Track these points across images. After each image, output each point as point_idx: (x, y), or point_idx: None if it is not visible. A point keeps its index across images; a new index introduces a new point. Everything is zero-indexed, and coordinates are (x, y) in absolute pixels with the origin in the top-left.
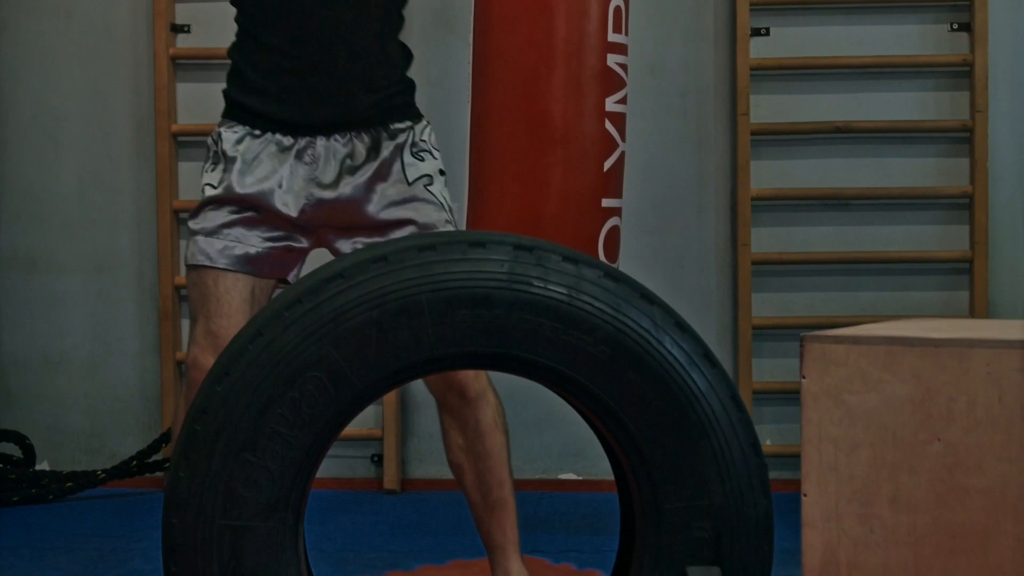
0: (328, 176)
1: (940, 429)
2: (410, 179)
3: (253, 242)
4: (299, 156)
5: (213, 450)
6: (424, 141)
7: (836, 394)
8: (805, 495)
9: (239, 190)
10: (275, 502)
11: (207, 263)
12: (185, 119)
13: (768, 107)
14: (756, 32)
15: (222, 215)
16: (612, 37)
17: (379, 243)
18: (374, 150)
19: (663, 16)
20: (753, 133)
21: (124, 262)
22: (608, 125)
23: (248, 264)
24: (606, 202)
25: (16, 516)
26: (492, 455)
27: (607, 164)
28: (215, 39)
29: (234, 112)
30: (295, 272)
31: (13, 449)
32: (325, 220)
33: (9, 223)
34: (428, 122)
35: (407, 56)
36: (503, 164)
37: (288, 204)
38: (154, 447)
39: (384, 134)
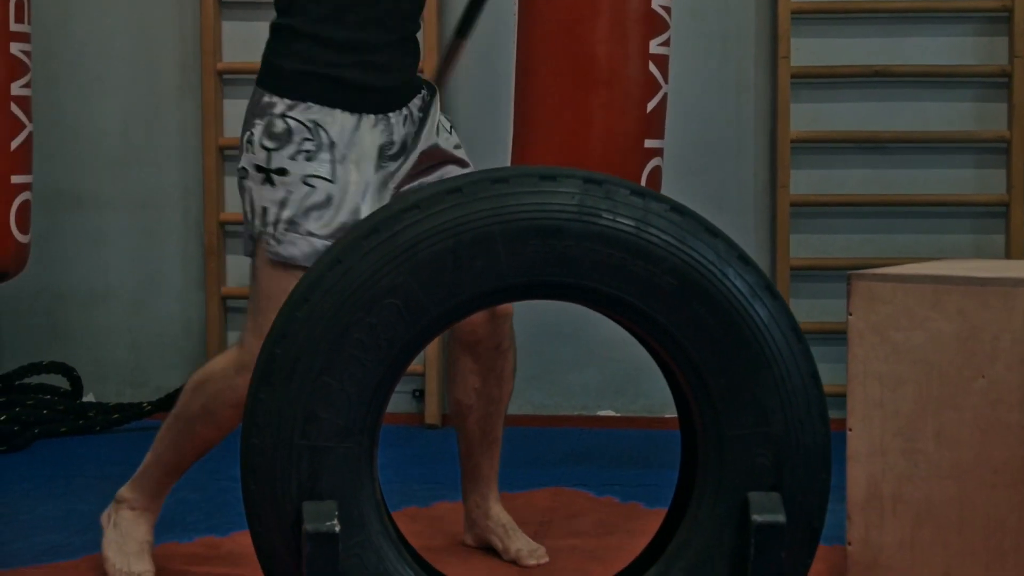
0: (398, 162)
1: (984, 366)
2: (448, 128)
3: None
4: (383, 133)
5: (292, 373)
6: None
7: (882, 331)
8: (850, 430)
9: (350, 202)
10: (352, 424)
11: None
12: (231, 57)
13: (808, 50)
14: None
15: (337, 219)
16: None
17: (453, 176)
18: (424, 112)
19: None
20: (793, 76)
21: (169, 199)
22: (652, 67)
23: None
24: (649, 143)
25: (64, 447)
26: (503, 400)
27: (650, 105)
28: None
29: (325, 91)
30: None
31: (60, 381)
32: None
33: (55, 160)
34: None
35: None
36: (548, 104)
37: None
38: None
39: (427, 95)
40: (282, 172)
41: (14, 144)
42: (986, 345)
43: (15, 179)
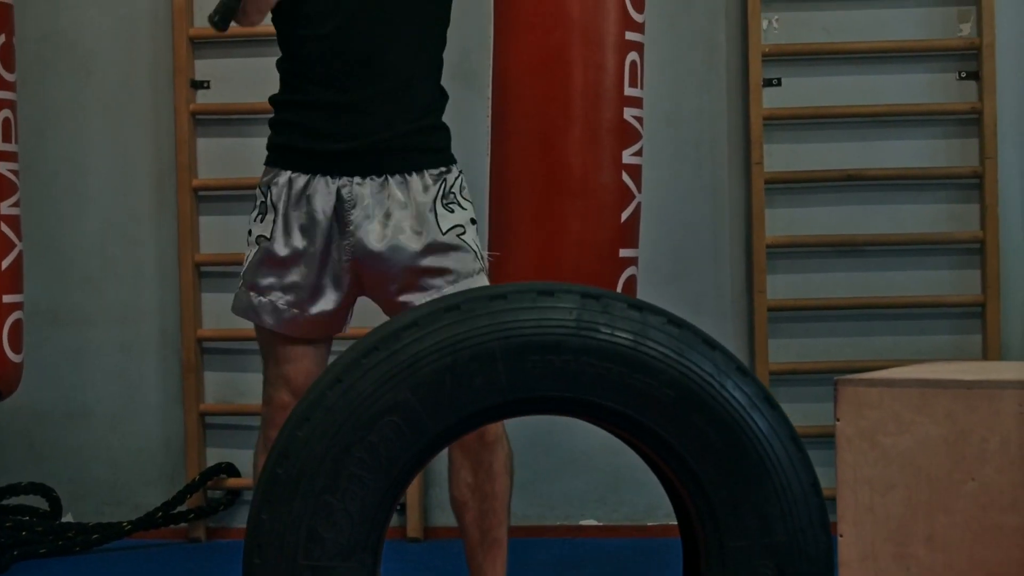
0: (365, 228)
1: (974, 469)
2: (443, 229)
3: (301, 300)
4: (339, 198)
5: (295, 493)
6: (454, 193)
7: (871, 436)
8: (841, 536)
9: (283, 252)
10: (355, 543)
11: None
12: (206, 174)
13: (781, 156)
14: (768, 83)
15: (274, 273)
16: (628, 91)
17: (452, 293)
18: (409, 198)
19: (677, 68)
20: (767, 181)
21: (147, 315)
22: (625, 177)
23: (300, 326)
24: (623, 252)
25: (43, 569)
26: (498, 497)
27: (624, 215)
28: (234, 95)
29: (276, 157)
30: (346, 324)
31: (39, 501)
32: (361, 272)
33: (33, 276)
34: (461, 171)
35: (443, 98)
36: (522, 215)
37: (330, 262)
38: (179, 498)
39: (418, 181)
40: (249, 233)
41: (5, 263)
42: (975, 448)
43: (7, 298)
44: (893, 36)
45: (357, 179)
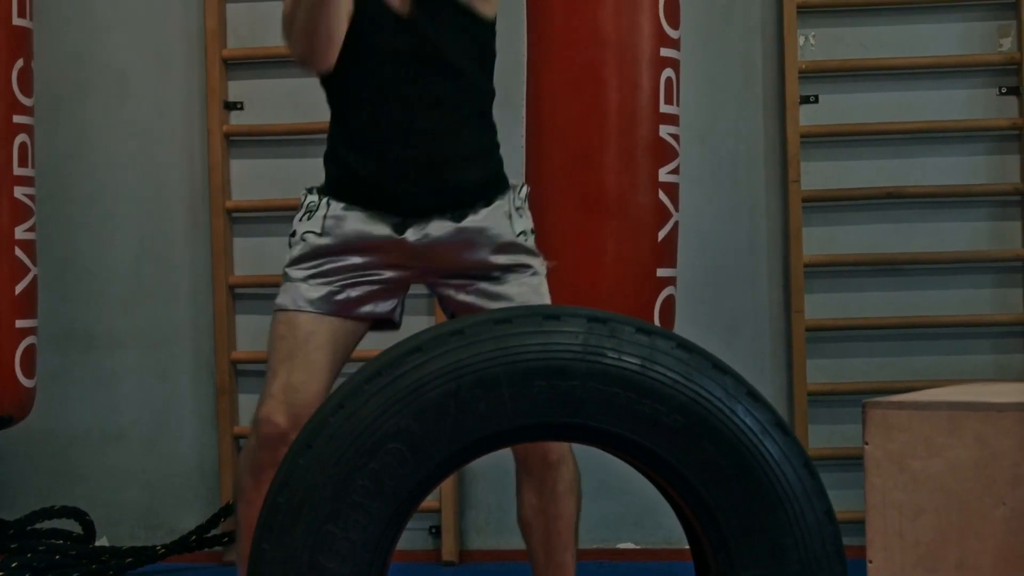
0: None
1: (1005, 493)
2: (516, 232)
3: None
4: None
5: (296, 522)
6: (521, 198)
7: (899, 460)
8: (870, 561)
9: (333, 243)
10: (358, 573)
11: (303, 308)
12: (239, 195)
13: (819, 174)
14: (805, 100)
15: (324, 261)
16: (664, 108)
17: (456, 319)
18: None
19: (713, 85)
20: (804, 200)
21: (181, 337)
22: (662, 195)
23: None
24: (661, 271)
25: None
26: (563, 518)
27: (661, 234)
28: (268, 116)
29: (341, 194)
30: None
31: (73, 525)
32: (430, 259)
33: (68, 299)
34: (524, 184)
35: (494, 129)
36: (559, 235)
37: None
38: (213, 522)
39: (487, 205)
40: (292, 235)
41: (19, 288)
42: (1006, 472)
43: (20, 323)
44: (932, 52)
45: (413, 223)
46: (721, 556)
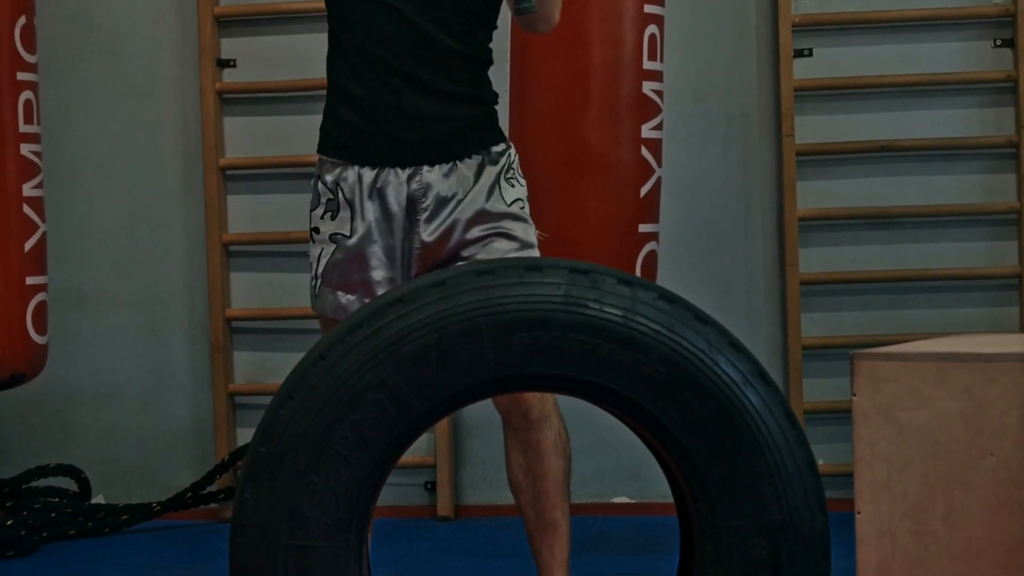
0: (436, 215)
1: (992, 444)
2: (508, 202)
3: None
4: (410, 188)
5: (278, 472)
6: (514, 168)
7: (887, 411)
8: (859, 512)
9: (363, 249)
10: (339, 523)
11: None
12: (233, 153)
13: (812, 127)
14: (799, 53)
15: (358, 269)
16: (647, 64)
17: (438, 271)
18: (477, 177)
19: (706, 40)
20: (798, 154)
21: (175, 295)
22: (644, 151)
23: None
24: (643, 227)
25: (73, 550)
26: (548, 477)
27: (643, 190)
28: (261, 73)
29: (339, 149)
30: None
31: (69, 483)
32: (428, 256)
33: (61, 260)
34: (512, 146)
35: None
36: (541, 191)
37: (403, 252)
38: (208, 479)
39: (486, 159)
40: (316, 231)
41: (28, 245)
42: (993, 423)
43: (30, 280)
44: (926, 4)
45: (427, 168)
46: (703, 506)
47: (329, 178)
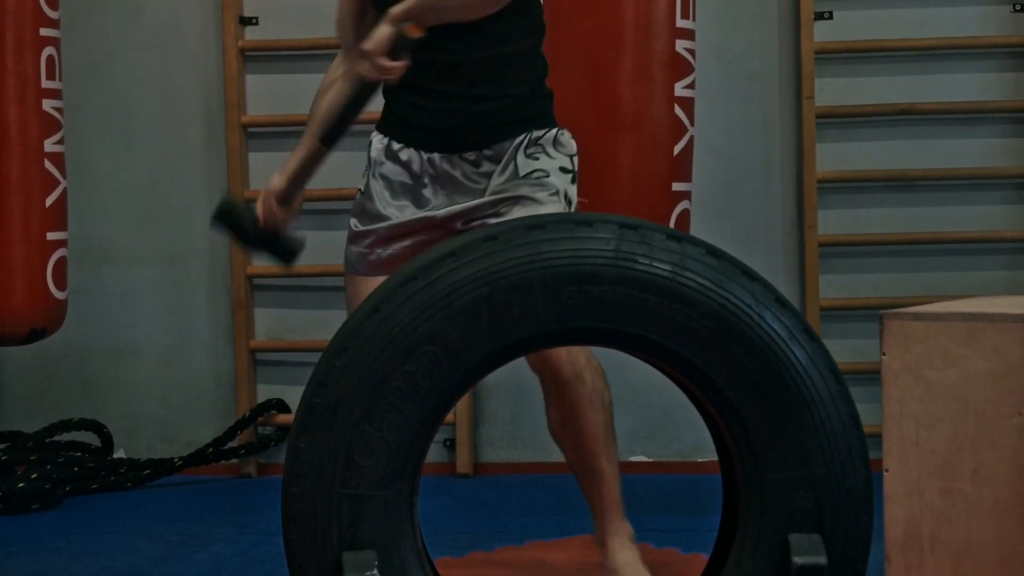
0: (452, 198)
1: (1020, 403)
2: (521, 173)
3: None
4: (431, 165)
5: (332, 422)
6: (541, 144)
7: (916, 370)
8: (887, 470)
9: (372, 206)
10: (392, 472)
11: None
12: (255, 110)
13: (833, 90)
14: (820, 16)
15: (363, 226)
16: (680, 23)
17: (490, 224)
18: (497, 162)
19: (727, 2)
20: (818, 116)
21: (197, 252)
22: (677, 110)
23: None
24: (676, 186)
25: (95, 504)
26: (586, 432)
27: (677, 148)
28: (283, 31)
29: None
30: None
31: (91, 438)
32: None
33: (83, 215)
34: (558, 130)
35: (542, 67)
36: None
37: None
38: (229, 434)
39: (508, 145)
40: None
41: (49, 201)
42: (1022, 382)
43: (51, 236)
44: None
45: (447, 154)
46: (747, 460)
47: (387, 143)
